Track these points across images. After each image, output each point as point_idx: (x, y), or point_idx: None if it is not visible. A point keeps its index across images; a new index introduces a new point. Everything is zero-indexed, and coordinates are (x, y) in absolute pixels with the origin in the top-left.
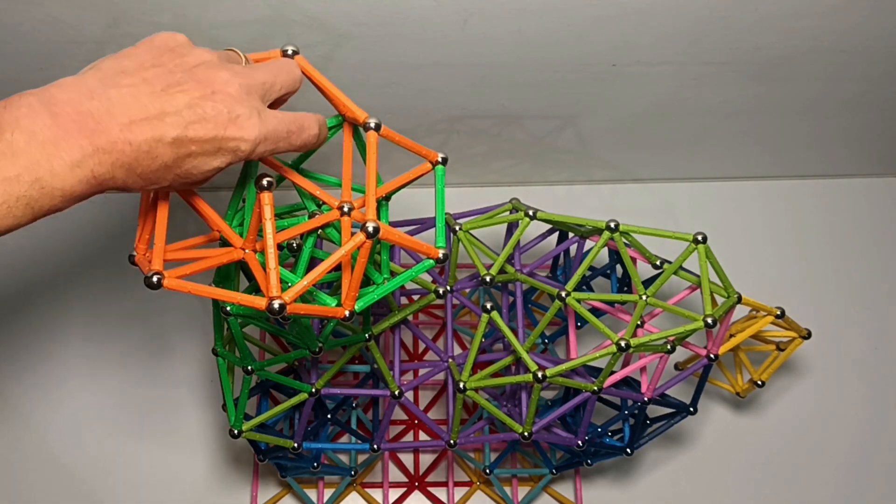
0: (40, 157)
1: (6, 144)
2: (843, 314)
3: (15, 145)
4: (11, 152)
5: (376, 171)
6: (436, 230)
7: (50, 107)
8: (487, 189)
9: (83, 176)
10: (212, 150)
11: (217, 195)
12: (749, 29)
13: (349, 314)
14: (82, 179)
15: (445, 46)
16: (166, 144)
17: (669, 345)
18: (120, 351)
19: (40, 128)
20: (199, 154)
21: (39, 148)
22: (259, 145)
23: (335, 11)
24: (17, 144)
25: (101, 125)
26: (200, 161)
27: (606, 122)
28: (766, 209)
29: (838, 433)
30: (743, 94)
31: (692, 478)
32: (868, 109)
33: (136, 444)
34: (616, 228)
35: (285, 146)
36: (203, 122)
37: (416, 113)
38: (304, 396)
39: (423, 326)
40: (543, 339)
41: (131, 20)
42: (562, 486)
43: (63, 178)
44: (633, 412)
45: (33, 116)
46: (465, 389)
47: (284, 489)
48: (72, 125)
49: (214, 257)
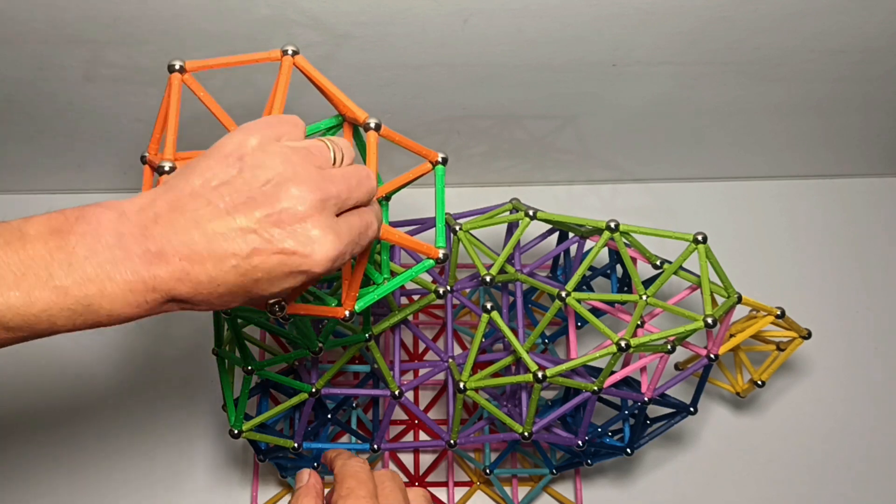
0: (95, 276)
1: (66, 254)
2: (843, 314)
3: (74, 257)
4: (69, 262)
5: (376, 171)
6: (436, 230)
7: (118, 225)
8: (487, 189)
9: (134, 301)
10: (281, 274)
11: None
12: (749, 29)
13: (349, 314)
14: (132, 303)
15: (445, 46)
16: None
17: (669, 345)
18: (120, 351)
19: (103, 246)
20: (266, 279)
21: (97, 266)
22: (334, 263)
23: (335, 11)
24: (77, 257)
25: (161, 253)
26: (269, 285)
27: (606, 122)
28: (766, 209)
29: (838, 433)
30: (743, 94)
31: (692, 478)
32: (868, 109)
33: (136, 444)
34: (616, 228)
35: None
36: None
37: (416, 113)
38: (305, 396)
39: (423, 326)
40: (543, 339)
41: (131, 20)
42: (562, 486)
43: (113, 299)
44: (634, 412)
45: (100, 233)
46: (466, 389)
47: (284, 489)
48: (134, 248)
49: None
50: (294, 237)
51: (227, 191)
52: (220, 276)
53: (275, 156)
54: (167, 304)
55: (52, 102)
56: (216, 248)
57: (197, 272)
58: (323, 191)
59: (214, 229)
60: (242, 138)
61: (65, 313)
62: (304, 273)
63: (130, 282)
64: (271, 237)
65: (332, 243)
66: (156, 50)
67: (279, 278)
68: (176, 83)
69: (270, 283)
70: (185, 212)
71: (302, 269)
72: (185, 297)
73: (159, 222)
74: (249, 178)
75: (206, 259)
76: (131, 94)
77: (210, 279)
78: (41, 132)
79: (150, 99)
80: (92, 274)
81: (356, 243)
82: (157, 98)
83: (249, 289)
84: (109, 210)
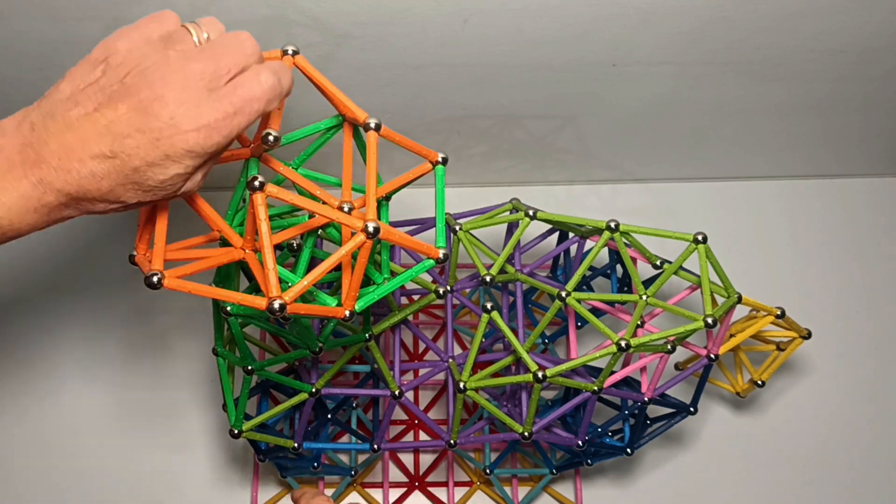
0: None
1: None
2: (843, 314)
3: None
4: None
5: (376, 171)
6: (436, 230)
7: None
8: (487, 189)
9: (30, 206)
10: (157, 158)
11: (217, 195)
12: (749, 29)
13: (349, 314)
14: (29, 209)
15: (445, 46)
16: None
17: (669, 345)
18: (120, 351)
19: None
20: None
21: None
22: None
23: (335, 11)
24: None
25: (40, 156)
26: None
27: (606, 122)
28: (766, 209)
29: (838, 433)
30: (743, 94)
31: (692, 478)
32: (868, 109)
33: (137, 444)
34: (616, 228)
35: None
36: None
37: (416, 113)
38: (305, 396)
39: (423, 326)
40: (543, 339)
41: (131, 20)
42: (562, 486)
43: (9, 208)
44: (634, 412)
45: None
46: (466, 389)
47: (284, 489)
48: (16, 158)
49: (214, 257)
50: (157, 118)
51: (93, 90)
52: (98, 170)
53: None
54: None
55: None
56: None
57: (76, 169)
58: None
59: (84, 127)
60: (110, 42)
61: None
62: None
63: (20, 188)
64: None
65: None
66: None
67: (158, 162)
68: None
69: (152, 169)
70: (56, 116)
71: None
72: (76, 197)
73: (35, 130)
74: (111, 76)
75: (82, 156)
76: None
77: (90, 173)
78: None
79: None
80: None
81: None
82: None
83: (134, 179)
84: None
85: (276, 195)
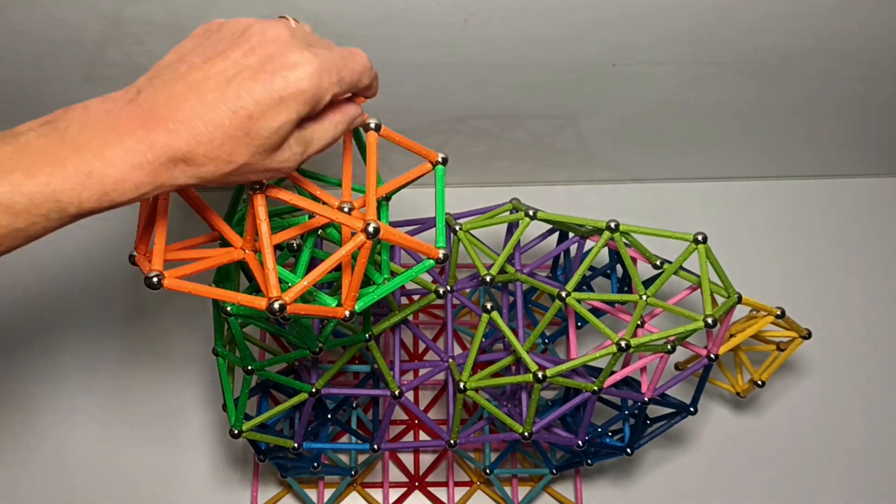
0: (90, 143)
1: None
2: (843, 314)
3: (66, 134)
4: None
5: (376, 172)
6: (436, 230)
7: (104, 104)
8: (487, 189)
9: (136, 161)
10: (271, 101)
11: (217, 195)
12: (749, 29)
13: (349, 314)
14: (135, 165)
15: (445, 46)
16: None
17: (669, 345)
18: (120, 351)
19: (93, 121)
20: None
21: (90, 136)
22: (322, 79)
23: (335, 11)
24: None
25: (148, 110)
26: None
27: (606, 122)
28: (766, 209)
29: (839, 433)
30: (743, 94)
31: (692, 478)
32: (868, 109)
33: (136, 443)
34: (616, 228)
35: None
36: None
37: (416, 113)
38: (305, 396)
39: (423, 326)
40: (543, 339)
41: (131, 20)
42: (562, 486)
43: (114, 163)
44: (634, 412)
45: (88, 113)
46: (466, 389)
47: (284, 489)
48: (123, 115)
49: (214, 257)
50: (272, 60)
51: (201, 50)
52: (213, 118)
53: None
54: (173, 166)
55: (52, 102)
56: (203, 93)
57: (189, 119)
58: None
59: (195, 78)
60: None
61: (67, 185)
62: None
63: (127, 143)
64: (249, 66)
65: (310, 58)
66: (156, 50)
67: (271, 108)
68: None
69: (265, 116)
70: (164, 74)
71: (289, 89)
72: (186, 152)
73: (142, 91)
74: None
75: (195, 105)
76: None
77: (204, 123)
78: None
79: None
80: (86, 142)
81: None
82: None
83: (246, 129)
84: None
85: (276, 195)
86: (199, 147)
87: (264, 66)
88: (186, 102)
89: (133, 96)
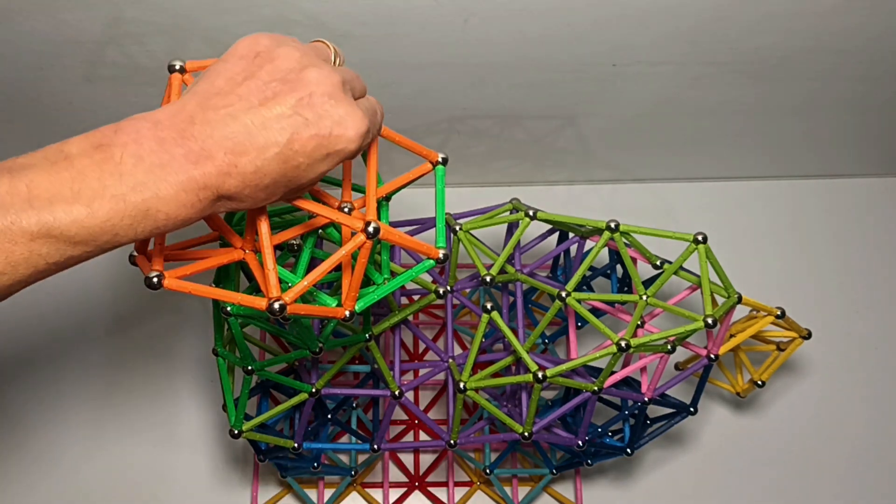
0: (147, 180)
1: (114, 165)
2: (843, 314)
3: (123, 167)
4: (119, 173)
5: (376, 172)
6: (436, 230)
7: (157, 132)
8: (487, 189)
9: (188, 201)
10: (320, 156)
11: None
12: (749, 29)
13: (349, 314)
14: (187, 204)
15: (445, 46)
16: (271, 160)
17: (670, 345)
18: (120, 351)
19: (147, 152)
20: (307, 164)
21: (146, 171)
22: (364, 139)
23: (335, 11)
24: (125, 166)
25: (205, 150)
26: (308, 169)
27: (606, 122)
28: (766, 209)
29: (839, 433)
30: (743, 94)
31: (692, 478)
32: (868, 109)
33: (136, 444)
34: (616, 228)
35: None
36: (307, 129)
37: (416, 113)
38: (305, 396)
39: (423, 326)
40: (543, 339)
41: (131, 20)
42: (562, 486)
43: (168, 201)
44: (634, 412)
45: (141, 141)
46: (466, 389)
47: (284, 489)
48: (177, 150)
49: (214, 257)
50: (328, 117)
51: (255, 85)
52: (265, 165)
53: (288, 48)
54: (217, 201)
55: (52, 102)
56: (257, 138)
57: (243, 164)
58: (339, 74)
59: (252, 121)
60: (252, 40)
61: (126, 221)
62: (340, 152)
63: (181, 181)
64: (307, 120)
65: (360, 119)
66: (156, 50)
67: (318, 161)
68: (176, 83)
69: (310, 168)
70: (219, 109)
71: (338, 147)
72: (234, 191)
73: (195, 122)
74: (272, 70)
75: (249, 150)
76: (131, 94)
77: (256, 169)
78: (41, 132)
79: (150, 99)
80: (144, 179)
81: (375, 123)
82: (157, 98)
83: (291, 176)
84: (144, 120)
85: None
86: (246, 189)
87: (320, 121)
88: (242, 146)
89: (185, 126)
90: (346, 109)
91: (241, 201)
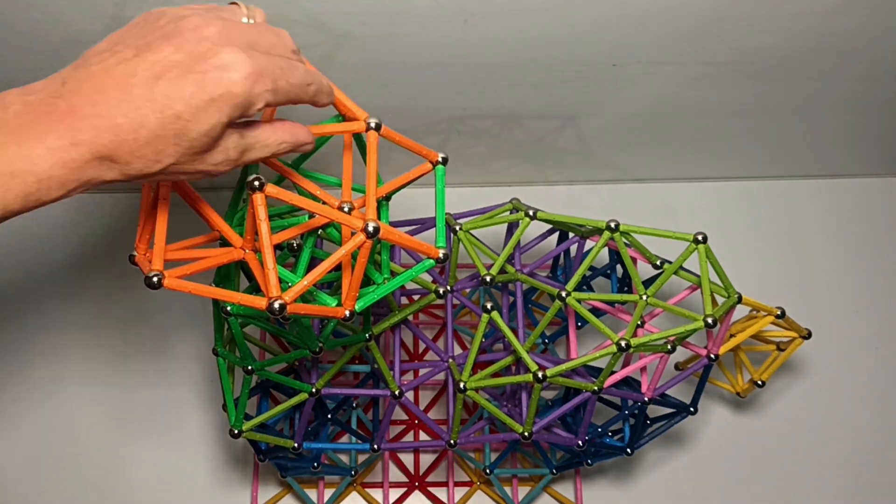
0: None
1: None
2: (843, 314)
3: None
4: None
5: (376, 171)
6: (436, 230)
7: (24, 97)
8: (487, 189)
9: (58, 160)
10: (201, 102)
11: (217, 195)
12: (749, 29)
13: (349, 314)
14: (57, 163)
15: (445, 46)
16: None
17: (670, 345)
18: (120, 351)
19: (12, 115)
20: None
21: (9, 133)
22: (255, 84)
23: (335, 11)
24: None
25: (71, 106)
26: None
27: (606, 122)
28: (766, 209)
29: (839, 433)
30: (743, 94)
31: (692, 478)
32: (868, 109)
33: (137, 444)
34: (616, 228)
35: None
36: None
37: (416, 113)
38: (305, 396)
39: (423, 326)
40: (544, 339)
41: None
42: (562, 486)
43: (34, 160)
44: (634, 412)
45: (7, 106)
46: (466, 389)
47: (284, 489)
48: (42, 109)
49: (214, 257)
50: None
51: (132, 40)
52: (139, 116)
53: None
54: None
55: None
56: (129, 90)
57: (112, 115)
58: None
59: (123, 71)
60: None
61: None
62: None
63: (47, 140)
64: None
65: (244, 60)
66: None
67: (201, 109)
68: None
69: (195, 118)
70: (91, 66)
71: (220, 90)
72: (111, 148)
73: (67, 82)
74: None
75: (119, 101)
76: None
77: (129, 121)
78: None
79: None
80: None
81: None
82: None
83: (175, 129)
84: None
85: (276, 195)
86: (123, 145)
87: (196, 64)
88: (111, 98)
89: (57, 87)
90: (230, 52)
91: (128, 163)
